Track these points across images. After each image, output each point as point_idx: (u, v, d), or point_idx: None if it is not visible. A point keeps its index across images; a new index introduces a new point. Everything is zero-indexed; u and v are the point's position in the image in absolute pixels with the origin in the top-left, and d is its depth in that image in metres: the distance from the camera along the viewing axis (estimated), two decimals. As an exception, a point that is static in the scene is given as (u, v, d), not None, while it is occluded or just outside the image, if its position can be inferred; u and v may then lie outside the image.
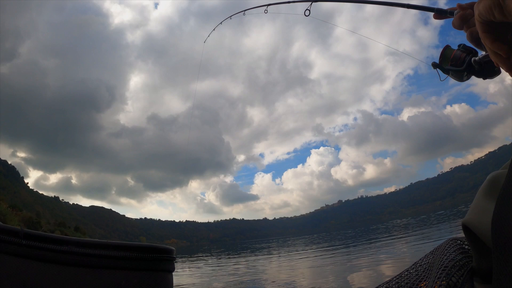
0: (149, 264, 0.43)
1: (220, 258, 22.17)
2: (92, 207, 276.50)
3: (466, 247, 0.64)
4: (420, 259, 0.72)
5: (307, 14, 1.53)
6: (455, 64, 0.85)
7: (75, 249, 0.39)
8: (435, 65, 0.90)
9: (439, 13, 0.91)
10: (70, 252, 0.39)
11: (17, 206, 73.20)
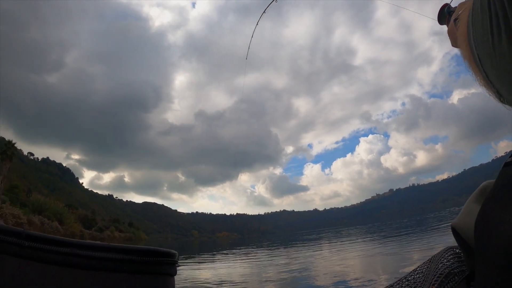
0: (151, 268, 0.43)
1: (270, 250, 22.03)
2: (145, 203, 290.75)
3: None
4: (419, 266, 0.73)
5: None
6: None
7: (78, 251, 0.39)
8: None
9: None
10: (73, 254, 0.39)
11: (73, 205, 78.76)
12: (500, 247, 0.30)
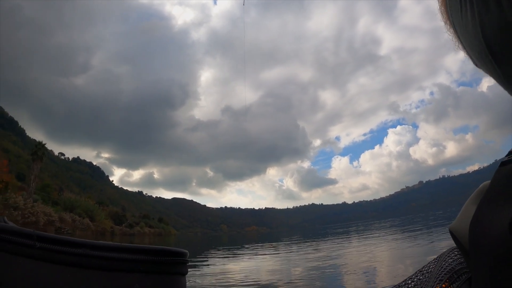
0: (163, 267, 0.43)
1: (299, 244, 21.43)
2: (174, 199, 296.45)
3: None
4: (424, 266, 0.71)
5: None
6: None
7: (89, 252, 0.39)
8: None
9: None
10: (85, 254, 0.39)
11: (103, 202, 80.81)
12: (491, 248, 0.30)
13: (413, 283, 0.65)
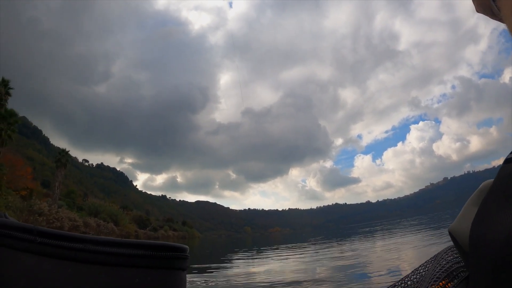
0: (163, 262, 0.43)
1: (323, 244, 20.88)
2: (198, 202, 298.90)
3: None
4: (421, 266, 0.73)
5: None
6: None
7: (90, 247, 0.39)
8: None
9: None
10: (86, 250, 0.39)
11: (127, 207, 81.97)
12: (494, 251, 0.29)
13: (409, 281, 0.64)
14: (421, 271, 0.66)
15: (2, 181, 28.64)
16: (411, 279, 0.65)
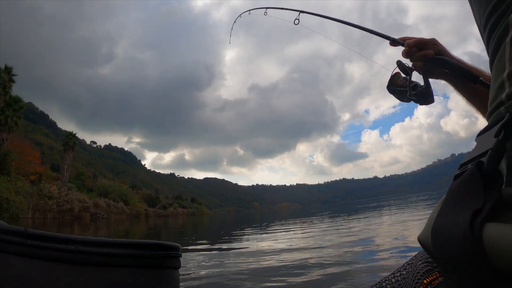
0: (155, 262, 0.43)
1: (331, 219, 21.09)
2: (206, 179, 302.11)
3: None
4: (402, 267, 0.73)
5: (296, 23, 1.70)
6: (399, 91, 1.05)
7: (81, 248, 0.39)
8: (387, 87, 1.09)
9: (394, 42, 1.07)
10: (76, 251, 0.39)
11: (137, 186, 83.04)
12: (454, 252, 0.31)
13: (390, 283, 0.65)
14: (401, 271, 0.67)
15: (11, 167, 29.13)
16: (392, 280, 0.66)
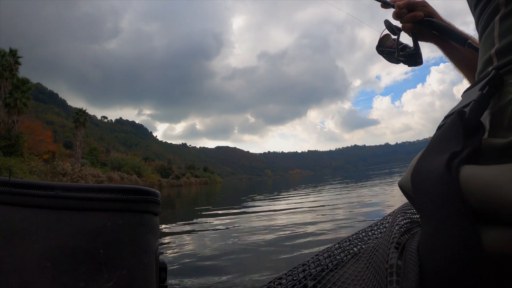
0: (134, 206, 0.43)
1: (342, 185, 21.47)
2: (218, 147, 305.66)
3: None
4: (384, 218, 0.74)
5: None
6: (388, 52, 1.03)
7: (61, 193, 0.40)
8: (376, 48, 1.08)
9: (385, 4, 1.05)
10: (57, 196, 0.40)
11: (149, 157, 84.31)
12: (432, 191, 0.32)
13: (370, 232, 0.66)
14: (379, 224, 0.68)
15: (24, 148, 29.97)
16: (373, 230, 0.67)
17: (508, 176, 0.27)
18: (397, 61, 1.02)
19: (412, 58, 0.98)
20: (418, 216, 0.54)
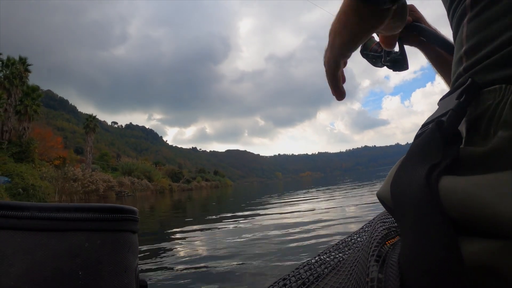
0: (111, 225, 0.43)
1: (352, 187, 21.27)
2: (228, 151, 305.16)
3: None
4: (364, 226, 0.75)
5: None
6: (373, 56, 0.98)
7: (37, 214, 0.39)
8: (360, 51, 1.02)
9: None
10: (32, 217, 0.39)
11: (160, 162, 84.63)
12: (411, 202, 0.32)
13: (352, 240, 0.67)
14: (364, 229, 0.67)
15: (35, 154, 30.35)
16: (353, 238, 0.66)
17: (488, 188, 0.27)
18: (381, 65, 0.99)
19: (398, 63, 0.94)
20: (397, 225, 0.53)
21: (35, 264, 0.37)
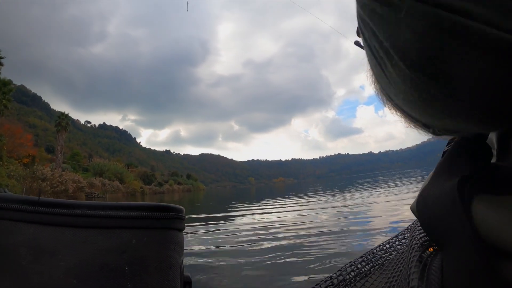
0: (158, 223, 0.44)
1: (325, 194, 21.63)
2: (201, 155, 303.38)
3: None
4: (396, 236, 0.74)
5: None
6: None
7: (87, 212, 0.41)
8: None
9: None
10: (83, 215, 0.41)
11: (132, 164, 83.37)
12: (439, 219, 0.31)
13: (391, 247, 0.67)
14: (398, 239, 0.69)
15: (3, 151, 29.09)
16: (392, 245, 0.68)
17: None
18: None
19: None
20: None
21: (83, 259, 0.39)
